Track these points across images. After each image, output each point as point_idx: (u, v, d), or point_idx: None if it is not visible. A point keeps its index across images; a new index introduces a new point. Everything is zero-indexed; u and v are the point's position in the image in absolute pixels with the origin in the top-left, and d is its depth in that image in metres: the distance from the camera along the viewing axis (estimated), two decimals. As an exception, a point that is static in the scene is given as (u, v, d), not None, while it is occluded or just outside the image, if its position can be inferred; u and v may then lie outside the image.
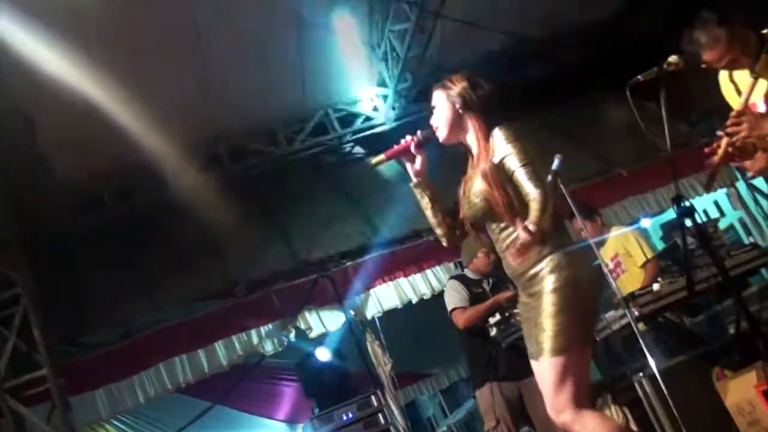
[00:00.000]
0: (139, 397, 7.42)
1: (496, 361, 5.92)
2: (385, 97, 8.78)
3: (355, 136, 8.90)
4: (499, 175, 3.07)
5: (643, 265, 6.11)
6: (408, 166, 3.32)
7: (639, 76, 3.46)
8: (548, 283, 3.06)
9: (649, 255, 6.13)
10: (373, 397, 7.25)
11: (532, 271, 3.11)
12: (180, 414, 9.54)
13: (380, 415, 7.18)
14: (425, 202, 3.33)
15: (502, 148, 3.07)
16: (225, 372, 7.81)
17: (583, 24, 9.03)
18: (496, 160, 3.08)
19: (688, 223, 3.48)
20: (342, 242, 8.28)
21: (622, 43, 9.01)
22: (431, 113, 3.29)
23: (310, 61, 7.95)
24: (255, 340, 7.84)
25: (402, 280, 8.18)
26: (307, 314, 7.94)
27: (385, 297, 8.13)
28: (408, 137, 3.24)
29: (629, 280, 6.10)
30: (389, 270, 8.18)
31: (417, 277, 8.24)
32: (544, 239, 2.93)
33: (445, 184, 3.45)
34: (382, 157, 3.28)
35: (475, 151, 3.24)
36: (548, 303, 3.04)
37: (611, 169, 8.75)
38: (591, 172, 8.69)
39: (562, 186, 4.86)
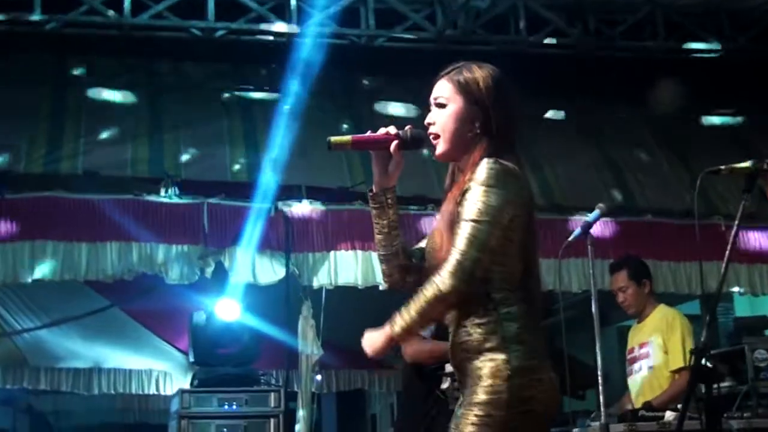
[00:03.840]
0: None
1: (432, 422, 5.31)
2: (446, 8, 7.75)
3: (390, 44, 7.95)
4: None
5: (677, 371, 5.54)
6: (375, 167, 2.95)
7: (722, 167, 3.35)
8: (480, 389, 2.60)
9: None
10: (272, 396, 6.76)
11: (470, 366, 2.67)
12: (67, 301, 9.19)
13: (272, 420, 6.74)
14: (382, 223, 2.97)
15: (473, 187, 2.68)
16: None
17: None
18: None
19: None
20: (316, 175, 7.39)
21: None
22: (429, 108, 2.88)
23: None
24: (160, 257, 7.02)
25: (376, 255, 7.09)
26: (237, 250, 7.05)
27: (346, 268, 7.18)
28: (392, 129, 2.88)
29: (650, 382, 5.67)
30: (364, 235, 7.14)
31: (399, 257, 7.19)
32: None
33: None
34: (346, 139, 2.94)
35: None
36: (469, 422, 2.59)
37: (708, 213, 7.42)
38: (676, 209, 7.48)
39: (590, 244, 4.91)
